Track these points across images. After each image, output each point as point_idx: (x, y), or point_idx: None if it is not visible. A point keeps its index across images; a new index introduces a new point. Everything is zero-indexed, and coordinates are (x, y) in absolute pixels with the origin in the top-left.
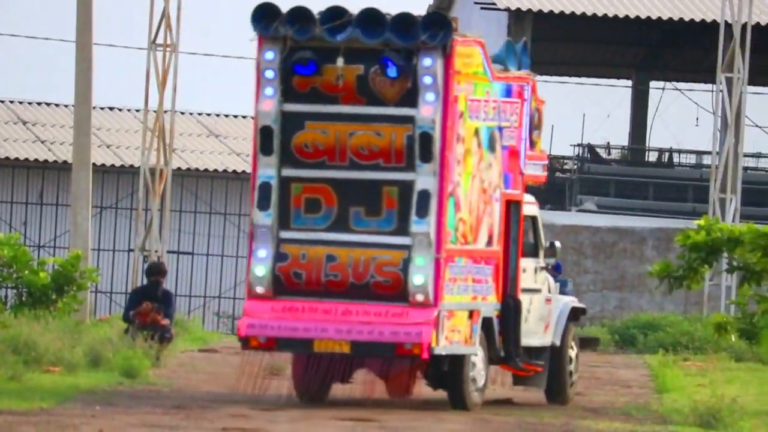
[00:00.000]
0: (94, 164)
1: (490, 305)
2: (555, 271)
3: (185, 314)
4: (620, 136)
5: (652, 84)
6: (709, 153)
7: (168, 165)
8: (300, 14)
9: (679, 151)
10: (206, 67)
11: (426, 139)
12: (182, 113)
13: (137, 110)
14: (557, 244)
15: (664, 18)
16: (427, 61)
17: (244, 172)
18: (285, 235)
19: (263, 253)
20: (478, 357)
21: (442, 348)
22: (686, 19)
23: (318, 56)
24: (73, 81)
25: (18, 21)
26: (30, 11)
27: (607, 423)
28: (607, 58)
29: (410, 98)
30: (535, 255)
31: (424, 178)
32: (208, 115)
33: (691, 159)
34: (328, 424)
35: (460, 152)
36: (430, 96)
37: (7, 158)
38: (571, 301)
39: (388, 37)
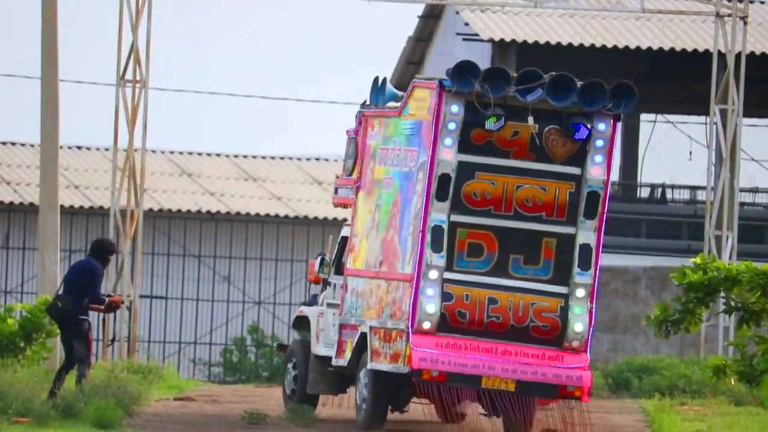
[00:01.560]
0: (62, 206)
1: None
2: None
3: (159, 361)
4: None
5: (643, 117)
6: (703, 188)
7: (139, 206)
8: (496, 73)
9: (673, 187)
10: (177, 103)
11: (594, 197)
12: (153, 151)
13: (106, 149)
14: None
15: (654, 48)
16: (602, 126)
17: (218, 212)
18: (448, 275)
19: (431, 291)
20: None
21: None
22: (677, 48)
23: (505, 114)
24: (39, 119)
25: None
26: None
27: None
28: None
29: (576, 158)
30: None
31: (586, 233)
32: (180, 153)
33: (685, 194)
34: None
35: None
36: (599, 158)
37: None
38: None
39: (574, 100)
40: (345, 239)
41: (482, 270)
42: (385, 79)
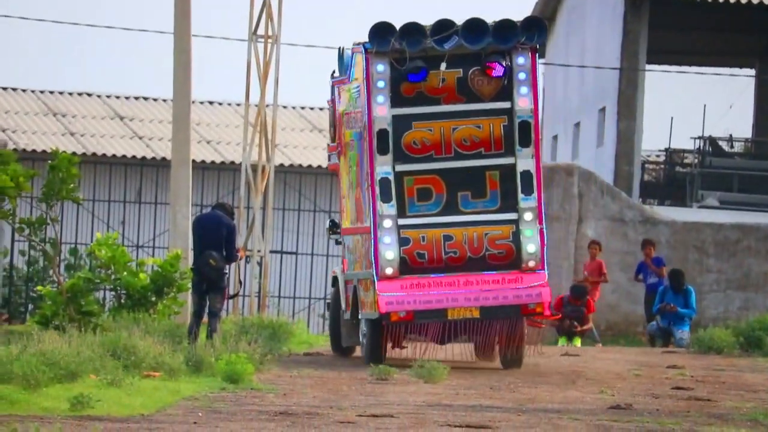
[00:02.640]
0: (193, 161)
1: None
2: (656, 265)
3: (289, 317)
4: (743, 128)
5: None
6: None
7: (270, 161)
8: (411, 29)
9: None
10: (309, 59)
11: (525, 126)
12: (284, 107)
13: (238, 104)
14: None
15: None
16: (521, 59)
17: None
18: (402, 222)
19: (389, 239)
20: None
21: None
22: None
23: (427, 64)
24: (171, 74)
25: (114, 12)
26: (126, 2)
27: (734, 430)
28: (729, 46)
29: (504, 93)
30: None
31: (524, 161)
32: (312, 109)
33: None
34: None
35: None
36: (524, 89)
37: (104, 155)
38: None
39: (489, 41)
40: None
41: (434, 211)
42: (342, 49)
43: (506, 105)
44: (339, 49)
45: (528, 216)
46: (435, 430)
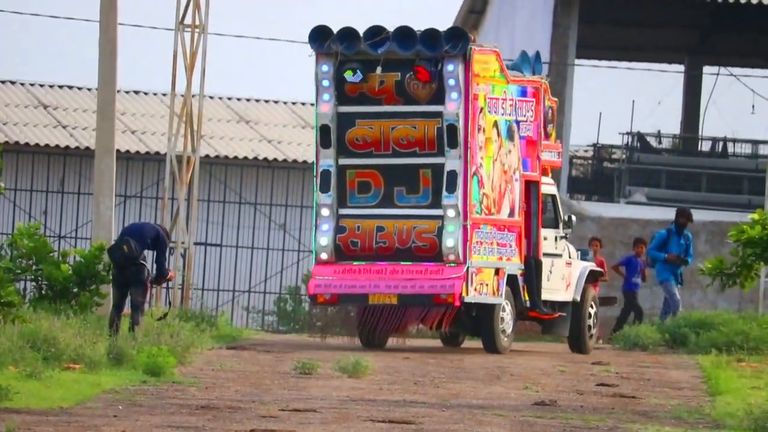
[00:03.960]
0: (118, 151)
1: (514, 265)
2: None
3: (213, 309)
4: (672, 124)
5: (706, 69)
6: (765, 142)
7: (196, 152)
8: (347, 33)
9: (734, 141)
10: (236, 49)
11: (452, 129)
12: (211, 98)
13: (164, 94)
14: (573, 218)
15: (719, 0)
16: (450, 67)
17: (275, 159)
18: (343, 212)
19: (326, 227)
20: (506, 310)
21: (471, 297)
22: (741, 0)
23: (364, 67)
24: (97, 63)
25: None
26: None
27: (658, 427)
28: (658, 41)
29: (439, 97)
30: (555, 226)
31: (451, 161)
32: (239, 99)
33: (747, 149)
34: (363, 427)
35: (481, 140)
36: (453, 95)
37: (27, 144)
38: (590, 265)
39: (419, 48)
40: None
41: (372, 204)
42: None
43: (440, 108)
44: None
45: (451, 212)
46: (358, 425)
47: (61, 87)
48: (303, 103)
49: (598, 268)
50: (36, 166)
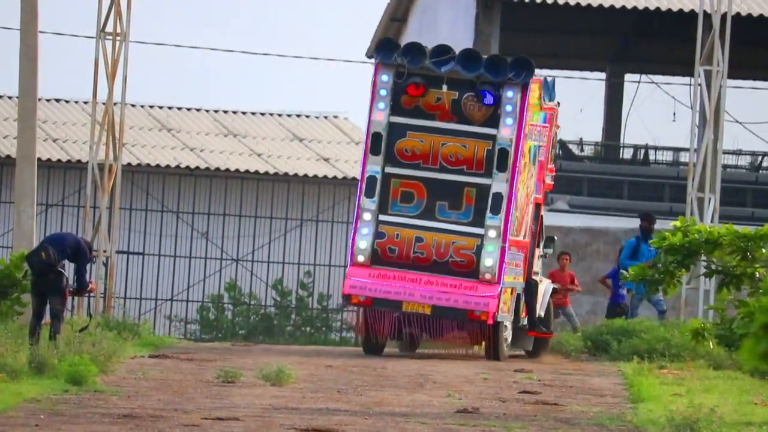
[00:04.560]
0: (39, 159)
1: (520, 284)
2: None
3: (135, 318)
4: (593, 132)
5: (627, 77)
6: (686, 150)
7: (117, 160)
8: (413, 48)
9: (656, 148)
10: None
11: (503, 153)
12: (133, 106)
13: (85, 102)
14: (555, 238)
15: (640, 7)
16: (509, 93)
17: (197, 168)
18: (383, 218)
19: (365, 230)
20: (508, 324)
21: (501, 316)
22: (663, 8)
23: (426, 82)
24: (17, 71)
25: None
26: None
27: None
28: (580, 49)
29: (492, 121)
30: (538, 245)
31: (498, 184)
32: (160, 107)
33: (668, 156)
34: None
35: (521, 165)
36: (509, 120)
37: None
38: (549, 283)
39: (482, 72)
40: None
41: (413, 214)
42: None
43: (493, 132)
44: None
45: (492, 233)
46: None
47: None
48: (225, 111)
49: (554, 285)
50: None
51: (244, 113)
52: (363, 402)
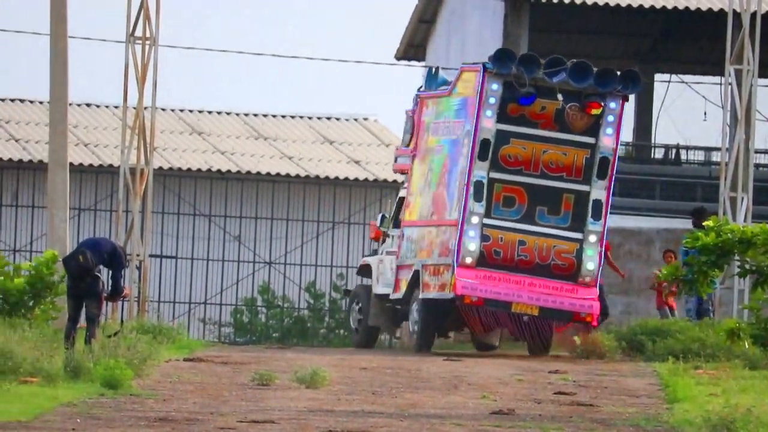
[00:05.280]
0: (71, 164)
1: None
2: None
3: (169, 321)
4: (624, 132)
5: (657, 77)
6: (718, 149)
7: (149, 164)
8: (528, 58)
9: (687, 148)
10: (187, 61)
11: (605, 162)
12: (163, 110)
13: (116, 107)
14: None
15: (669, 7)
16: (612, 104)
17: (229, 171)
18: (486, 221)
19: (473, 233)
20: None
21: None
22: (692, 8)
23: (537, 91)
24: (48, 76)
25: None
26: (1, 3)
27: None
28: (609, 49)
29: (591, 130)
30: None
31: (598, 191)
32: (191, 111)
33: (700, 156)
34: None
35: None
36: (609, 130)
37: None
38: None
39: (591, 83)
40: (402, 199)
41: (514, 218)
42: (438, 68)
43: (592, 140)
44: (431, 68)
45: (592, 238)
46: None
47: (13, 101)
48: (255, 114)
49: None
50: None
51: (274, 116)
52: (398, 404)
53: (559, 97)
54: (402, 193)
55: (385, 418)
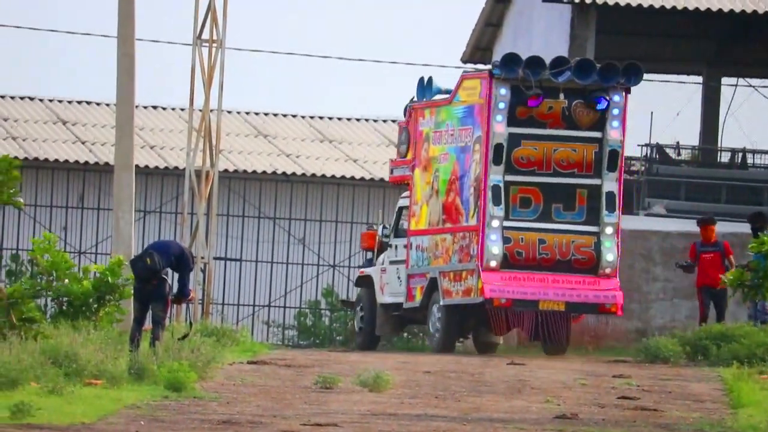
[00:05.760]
0: (137, 166)
1: None
2: None
3: (233, 324)
4: (690, 136)
5: (724, 80)
6: None
7: (214, 167)
8: (534, 61)
9: (754, 152)
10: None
11: (614, 154)
12: (229, 112)
13: (182, 109)
14: None
15: (737, 10)
16: (616, 98)
17: (294, 173)
18: (506, 224)
19: (494, 237)
20: None
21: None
22: (760, 11)
23: (543, 93)
24: (115, 78)
25: (57, 16)
26: (69, 5)
27: None
28: (676, 53)
29: (597, 125)
30: None
31: (609, 183)
32: (256, 114)
33: (766, 160)
34: None
35: None
36: (616, 123)
37: (46, 159)
38: None
39: (595, 79)
40: (401, 208)
41: (532, 218)
42: (431, 78)
43: (599, 135)
44: (422, 77)
45: (609, 230)
46: None
47: (79, 103)
48: (321, 117)
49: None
50: (56, 181)
51: (339, 119)
52: (461, 408)
53: (561, 96)
54: (402, 202)
55: (447, 422)
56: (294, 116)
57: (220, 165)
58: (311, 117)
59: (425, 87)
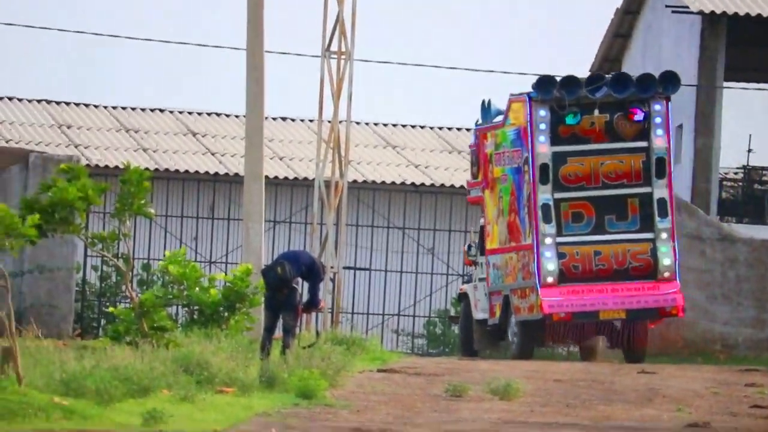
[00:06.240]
0: (266, 177)
1: None
2: None
3: (363, 333)
4: None
5: None
6: None
7: (343, 177)
8: (569, 80)
9: None
10: (382, 75)
11: (661, 162)
12: (357, 123)
13: (311, 120)
14: None
15: None
16: (657, 106)
17: (422, 184)
18: (560, 240)
19: (549, 254)
20: None
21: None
22: None
23: (581, 110)
24: (244, 90)
25: (187, 29)
26: (199, 18)
27: None
28: None
29: (642, 134)
30: None
31: (660, 190)
32: (385, 125)
33: None
34: None
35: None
36: (659, 131)
37: (177, 171)
38: None
39: (632, 91)
40: (482, 227)
41: (585, 231)
42: (490, 101)
43: (644, 144)
44: (484, 100)
45: (663, 235)
46: None
47: (209, 114)
48: (449, 128)
49: None
50: (186, 192)
51: (468, 130)
52: (592, 416)
53: (596, 112)
54: (482, 222)
55: (578, 430)
56: (422, 127)
57: (349, 176)
58: (439, 128)
59: (486, 109)
